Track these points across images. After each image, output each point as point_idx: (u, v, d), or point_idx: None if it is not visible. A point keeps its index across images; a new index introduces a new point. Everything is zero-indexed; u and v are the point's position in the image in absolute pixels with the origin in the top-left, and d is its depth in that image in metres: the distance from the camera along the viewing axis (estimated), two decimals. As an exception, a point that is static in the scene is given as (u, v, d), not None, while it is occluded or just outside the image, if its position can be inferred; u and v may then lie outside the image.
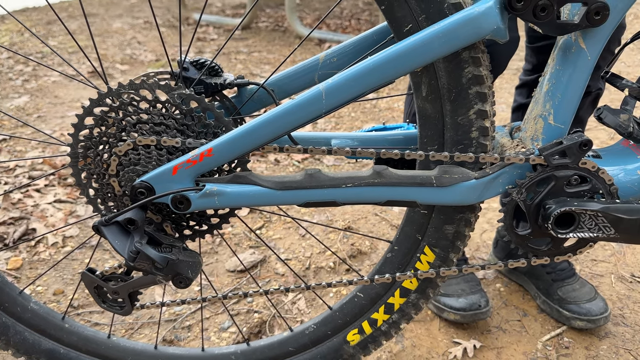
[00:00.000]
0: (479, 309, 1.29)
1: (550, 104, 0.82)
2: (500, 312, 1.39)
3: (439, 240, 0.92)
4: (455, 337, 1.30)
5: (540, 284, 1.39)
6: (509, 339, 1.30)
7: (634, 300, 1.42)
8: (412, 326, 1.34)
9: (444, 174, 0.83)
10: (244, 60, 3.91)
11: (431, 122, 0.85)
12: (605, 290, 1.46)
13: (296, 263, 1.58)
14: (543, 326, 1.34)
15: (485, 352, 1.25)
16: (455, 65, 0.79)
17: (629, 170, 0.85)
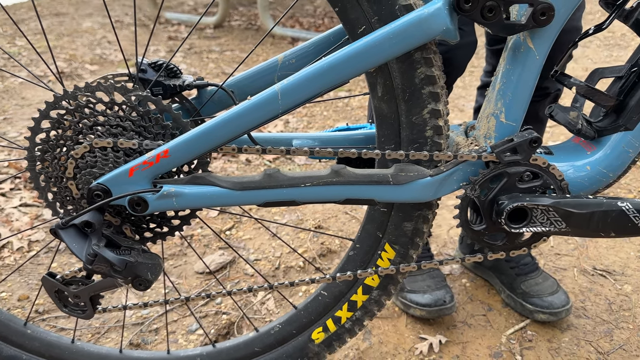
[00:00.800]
0: (444, 304, 1.31)
1: (502, 103, 0.85)
2: (466, 307, 1.41)
3: (399, 237, 0.94)
4: (422, 332, 1.32)
5: (505, 278, 1.42)
6: (474, 334, 1.32)
7: (595, 293, 1.46)
8: (380, 323, 1.35)
9: (400, 172, 0.84)
10: (216, 59, 3.89)
11: (387, 121, 0.86)
12: (568, 284, 1.50)
13: (266, 263, 1.59)
14: (507, 320, 1.37)
15: (451, 347, 1.28)
16: (408, 66, 0.80)
17: (579, 166, 0.88)
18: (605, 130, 0.87)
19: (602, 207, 0.84)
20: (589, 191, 0.89)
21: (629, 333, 1.32)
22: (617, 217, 0.84)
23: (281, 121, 2.71)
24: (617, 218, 0.84)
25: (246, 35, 4.63)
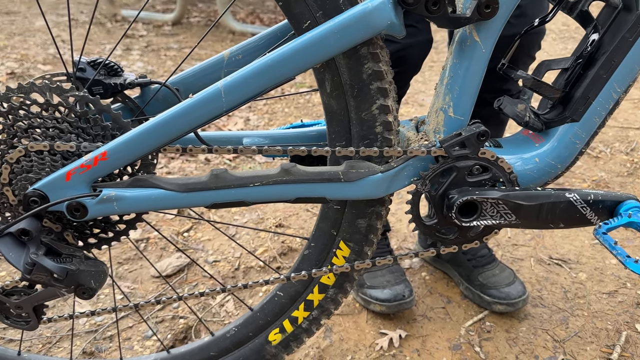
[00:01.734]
0: (403, 299, 1.31)
1: (450, 97, 0.84)
2: (426, 300, 1.42)
3: (353, 234, 0.93)
4: (382, 327, 1.32)
5: (462, 270, 1.43)
6: (434, 327, 1.33)
7: (551, 282, 1.49)
8: (341, 320, 1.35)
9: (351, 169, 0.83)
10: (174, 56, 3.81)
11: (337, 118, 0.85)
12: (525, 274, 1.53)
13: (225, 264, 1.56)
14: (466, 312, 1.38)
15: (411, 341, 1.28)
16: (355, 62, 0.79)
17: (527, 158, 0.89)
18: (553, 122, 0.88)
19: (550, 198, 0.85)
20: (539, 183, 0.90)
21: (584, 320, 1.35)
22: (565, 208, 0.85)
23: (242, 119, 2.68)
24: (565, 209, 0.85)
25: (205, 31, 4.55)
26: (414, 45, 1.16)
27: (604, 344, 1.27)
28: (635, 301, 1.41)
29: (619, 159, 2.23)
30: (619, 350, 1.24)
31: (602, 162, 2.20)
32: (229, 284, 1.47)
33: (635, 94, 3.04)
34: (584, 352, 1.25)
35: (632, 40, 0.81)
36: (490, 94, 1.28)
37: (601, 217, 0.86)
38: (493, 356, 1.24)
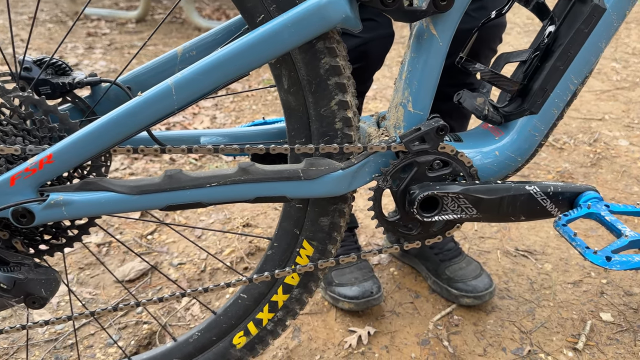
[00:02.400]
0: (371, 295, 1.31)
1: (409, 92, 0.83)
2: (394, 296, 1.42)
3: (316, 233, 0.91)
4: (351, 325, 1.31)
5: (430, 265, 1.43)
6: (402, 322, 1.32)
7: (518, 274, 1.51)
8: (309, 319, 1.33)
9: (311, 166, 0.81)
10: (138, 54, 3.73)
11: (296, 114, 0.83)
12: (492, 266, 1.54)
13: (191, 267, 1.52)
14: (434, 306, 1.38)
15: (380, 338, 1.27)
16: (311, 56, 0.77)
17: (487, 152, 0.88)
18: (512, 114, 0.88)
19: (510, 191, 0.84)
20: (499, 176, 0.90)
21: (550, 311, 1.36)
22: (525, 200, 0.85)
23: (208, 117, 2.63)
24: (525, 202, 0.85)
25: (170, 29, 4.47)
26: (374, 39, 1.15)
27: (570, 334, 1.29)
28: (599, 290, 1.43)
29: (582, 150, 2.27)
30: (584, 339, 1.26)
31: (566, 153, 2.24)
32: (195, 286, 1.44)
33: (597, 86, 3.11)
34: (550, 342, 1.26)
35: (587, 31, 0.82)
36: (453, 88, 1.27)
37: (561, 208, 0.86)
38: (461, 350, 1.24)
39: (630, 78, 3.24)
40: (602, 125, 2.53)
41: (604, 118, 2.63)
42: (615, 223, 0.79)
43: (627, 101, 2.86)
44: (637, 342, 1.25)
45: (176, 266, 1.53)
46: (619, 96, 2.95)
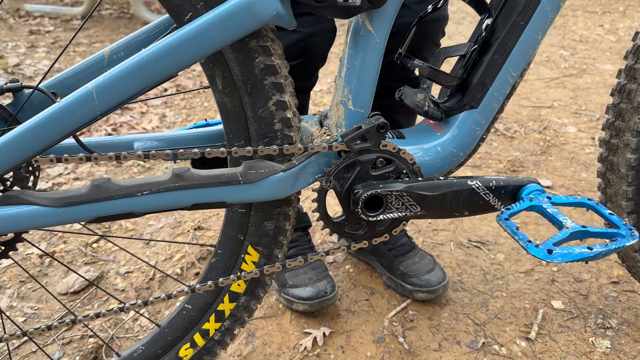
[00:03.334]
0: (325, 295, 1.29)
1: (348, 90, 0.81)
2: (350, 294, 1.40)
3: (261, 238, 0.89)
4: (307, 327, 1.29)
5: (384, 261, 1.42)
6: (358, 320, 1.31)
7: (471, 265, 1.52)
8: (264, 323, 1.30)
9: (250, 169, 0.78)
10: (83, 52, 3.59)
11: (233, 116, 0.80)
12: (446, 258, 1.54)
13: (139, 275, 1.47)
14: (390, 302, 1.38)
15: (335, 338, 1.26)
16: (245, 56, 0.74)
17: (429, 148, 0.87)
18: (452, 110, 0.87)
19: (453, 187, 0.84)
20: (442, 172, 0.89)
21: (503, 301, 1.38)
22: (468, 196, 0.85)
23: (157, 115, 2.55)
24: (468, 197, 0.85)
25: (118, 24, 4.33)
26: (315, 34, 1.13)
27: (522, 324, 1.30)
28: (550, 278, 1.46)
29: (532, 138, 2.32)
30: (536, 328, 1.28)
31: (517, 142, 2.28)
32: (144, 295, 1.39)
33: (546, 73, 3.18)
34: (503, 333, 1.27)
35: (524, 23, 0.81)
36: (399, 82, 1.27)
37: (504, 202, 0.86)
38: (416, 346, 1.24)
39: (577, 65, 3.33)
40: (551, 113, 2.59)
41: (553, 105, 2.69)
42: (557, 215, 0.79)
43: (574, 88, 2.94)
44: (587, 329, 1.28)
45: (123, 275, 1.47)
46: (567, 83, 3.03)
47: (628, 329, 1.28)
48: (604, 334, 1.27)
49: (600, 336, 1.26)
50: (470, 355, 1.22)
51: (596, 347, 1.23)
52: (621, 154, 1.04)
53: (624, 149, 1.03)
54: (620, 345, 1.23)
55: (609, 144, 1.06)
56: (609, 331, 1.27)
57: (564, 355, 1.21)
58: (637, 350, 1.21)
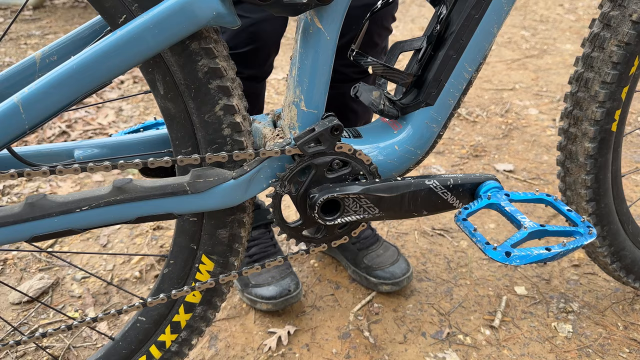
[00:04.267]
0: (289, 293, 1.26)
1: (300, 90, 0.78)
2: (315, 289, 1.39)
3: (215, 246, 0.85)
4: (271, 326, 1.27)
5: (348, 254, 1.41)
6: (323, 316, 1.30)
7: (435, 253, 1.52)
8: (227, 324, 1.27)
9: (198, 178, 0.74)
10: (36, 44, 3.43)
11: (178, 122, 0.76)
12: (410, 248, 1.54)
13: (96, 279, 1.41)
14: (355, 296, 1.37)
15: (300, 336, 1.24)
16: (186, 59, 0.70)
17: (386, 147, 0.85)
18: (408, 107, 0.84)
19: (411, 187, 0.82)
20: (401, 170, 0.87)
21: (467, 289, 1.38)
22: (426, 195, 0.83)
23: (113, 110, 2.46)
24: (426, 197, 0.83)
25: (72, 14, 4.15)
26: (265, 20, 1.08)
27: (487, 311, 1.31)
28: (512, 262, 1.47)
29: (494, 122, 2.33)
30: (500, 316, 1.29)
31: (479, 126, 2.28)
32: (102, 300, 1.34)
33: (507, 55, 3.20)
34: (468, 322, 1.28)
35: (479, 17, 0.79)
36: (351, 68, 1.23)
37: (463, 200, 0.85)
38: (382, 339, 1.23)
39: (538, 46, 3.36)
40: (513, 95, 2.61)
41: (515, 87, 2.71)
42: (515, 214, 0.78)
43: (536, 69, 2.97)
44: (549, 314, 1.30)
45: (80, 280, 1.41)
46: (528, 64, 3.05)
47: (589, 312, 1.30)
48: (566, 318, 1.28)
49: (563, 320, 1.28)
50: (435, 346, 1.22)
51: (558, 332, 1.24)
52: (579, 142, 1.03)
53: (582, 138, 1.03)
54: (581, 329, 1.25)
55: (567, 132, 1.06)
56: (570, 315, 1.29)
57: (527, 342, 1.22)
58: (598, 333, 1.23)
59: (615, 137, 1.03)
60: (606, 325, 1.26)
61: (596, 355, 1.17)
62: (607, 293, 1.36)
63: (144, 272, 1.43)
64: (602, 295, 1.35)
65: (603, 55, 0.95)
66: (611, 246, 1.14)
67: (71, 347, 1.21)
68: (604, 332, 1.24)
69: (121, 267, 1.46)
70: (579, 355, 1.18)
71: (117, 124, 2.34)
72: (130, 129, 0.99)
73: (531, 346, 1.21)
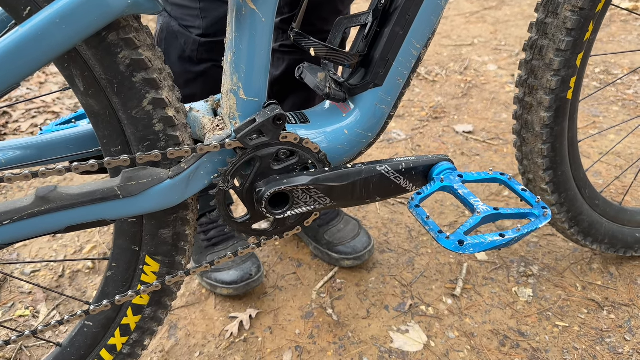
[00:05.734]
0: (251, 277, 1.23)
1: (237, 77, 0.72)
2: (277, 269, 1.36)
3: (159, 247, 0.80)
4: (232, 310, 1.24)
5: (309, 231, 1.38)
6: (285, 296, 1.28)
7: (396, 223, 1.50)
8: (186, 312, 1.24)
9: (129, 181, 0.69)
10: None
11: (104, 120, 0.69)
12: (372, 219, 1.52)
13: (47, 272, 1.35)
14: (317, 273, 1.35)
15: (263, 319, 1.22)
16: (104, 52, 0.63)
17: (335, 132, 0.80)
18: (356, 88, 0.80)
19: (362, 174, 0.78)
20: (352, 155, 0.83)
21: (429, 258, 1.38)
22: (378, 181, 0.79)
23: (57, 85, 2.32)
24: (378, 182, 0.79)
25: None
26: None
27: (448, 280, 1.31)
28: (473, 227, 1.47)
29: (454, 80, 2.29)
30: (461, 284, 1.29)
31: (439, 86, 2.25)
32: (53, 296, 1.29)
33: (466, 8, 3.14)
34: (430, 292, 1.28)
35: (425, -11, 0.74)
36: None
37: (416, 183, 0.82)
38: (345, 315, 1.22)
39: (496, -4, 3.30)
40: (472, 51, 2.57)
41: (474, 43, 2.67)
42: (468, 197, 0.75)
43: (494, 22, 2.93)
44: (510, 278, 1.31)
45: (29, 275, 1.35)
46: (487, 17, 3.01)
47: (549, 274, 1.31)
48: (526, 282, 1.30)
49: (523, 285, 1.29)
50: (399, 319, 1.22)
51: (519, 296, 1.26)
52: (535, 112, 1.01)
53: (537, 107, 1.00)
54: (542, 292, 1.26)
55: (523, 102, 1.03)
56: (530, 279, 1.30)
57: (489, 309, 1.23)
58: (557, 296, 1.25)
59: (571, 105, 1.01)
60: (565, 286, 1.28)
61: (556, 318, 1.19)
62: (566, 254, 1.37)
63: (97, 262, 1.38)
64: (562, 257, 1.36)
65: (557, 21, 0.91)
66: (569, 212, 1.14)
67: (23, 347, 1.16)
68: (563, 294, 1.26)
69: (73, 257, 1.40)
70: (539, 320, 1.20)
71: (62, 100, 2.21)
72: (61, 119, 0.92)
73: (492, 313, 1.22)
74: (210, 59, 1.09)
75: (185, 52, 1.08)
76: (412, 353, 1.13)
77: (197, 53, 1.07)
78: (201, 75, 1.10)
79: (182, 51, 1.08)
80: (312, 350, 1.14)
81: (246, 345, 1.16)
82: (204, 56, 1.08)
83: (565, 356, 1.11)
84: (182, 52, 1.08)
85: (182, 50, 1.08)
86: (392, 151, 1.83)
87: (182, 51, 1.08)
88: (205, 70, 1.10)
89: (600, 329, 1.16)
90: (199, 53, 1.07)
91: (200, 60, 1.09)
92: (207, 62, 1.09)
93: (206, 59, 1.09)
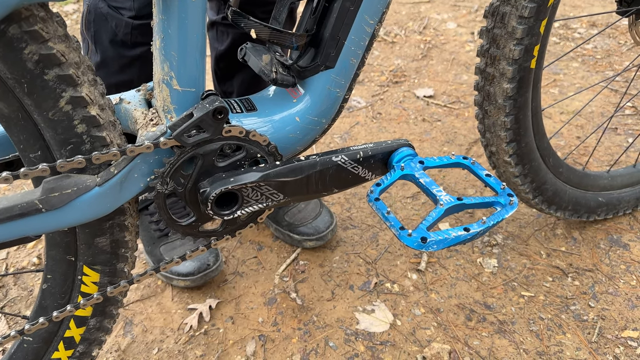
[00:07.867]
0: (209, 268, 1.17)
1: (169, 65, 0.63)
2: (236, 254, 1.30)
3: (96, 256, 0.73)
4: (190, 302, 1.18)
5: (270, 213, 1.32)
6: (247, 283, 1.23)
7: (359, 197, 1.46)
8: (142, 306, 1.18)
9: (51, 192, 0.60)
10: None
11: (17, 124, 0.60)
12: (335, 195, 1.46)
13: (-13, 273, 1.26)
14: (279, 255, 1.30)
15: (224, 308, 1.17)
16: (6, 49, 0.53)
17: (286, 119, 0.73)
18: (306, 71, 0.72)
19: (316, 167, 0.72)
20: (305, 143, 0.76)
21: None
22: (335, 173, 0.73)
23: None
24: (335, 174, 0.73)
25: None
26: None
27: (413, 254, 1.28)
28: (436, 197, 1.44)
29: (413, 41, 2.22)
30: (425, 258, 1.26)
31: (398, 47, 2.17)
32: None
33: (423, -39, 3.03)
34: (394, 268, 1.25)
35: (377, -43, 0.66)
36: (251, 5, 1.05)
37: (375, 172, 0.76)
38: (309, 299, 1.18)
39: (453, -51, 3.20)
40: (430, 9, 2.49)
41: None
42: (431, 186, 0.70)
43: (452, -24, 2.84)
44: (474, 249, 1.29)
45: (-32, 277, 1.25)
46: (444, -29, 2.91)
47: (513, 242, 1.30)
48: (491, 252, 1.28)
49: (488, 255, 1.27)
50: (364, 298, 1.18)
51: (484, 267, 1.24)
52: (497, 83, 0.96)
53: (500, 79, 0.95)
54: (506, 262, 1.25)
55: (484, 72, 0.98)
56: (495, 249, 1.29)
57: (454, 282, 1.21)
58: (522, 265, 1.24)
59: (535, 74, 0.96)
60: (530, 255, 1.27)
61: (521, 289, 1.19)
62: (530, 220, 1.36)
63: (42, 258, 1.29)
64: (525, 223, 1.35)
65: (519, -14, 0.85)
66: (533, 182, 1.11)
67: (-35, 358, 1.08)
68: (528, 262, 1.25)
69: (16, 253, 1.30)
70: (505, 291, 1.19)
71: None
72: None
73: (458, 286, 1.20)
74: (146, 42, 0.98)
75: (117, 36, 0.96)
76: (379, 334, 1.11)
77: (130, 36, 0.96)
78: (137, 59, 0.99)
79: (114, 35, 0.96)
80: (277, 338, 1.10)
81: (207, 338, 1.11)
82: (138, 39, 0.97)
83: (531, 327, 1.10)
84: (114, 35, 0.97)
85: (114, 33, 0.96)
86: (352, 120, 1.76)
87: (113, 35, 0.96)
88: (142, 54, 0.99)
89: (565, 296, 1.16)
90: (133, 36, 0.96)
91: (135, 44, 0.98)
92: (143, 46, 0.98)
93: (142, 42, 0.97)
